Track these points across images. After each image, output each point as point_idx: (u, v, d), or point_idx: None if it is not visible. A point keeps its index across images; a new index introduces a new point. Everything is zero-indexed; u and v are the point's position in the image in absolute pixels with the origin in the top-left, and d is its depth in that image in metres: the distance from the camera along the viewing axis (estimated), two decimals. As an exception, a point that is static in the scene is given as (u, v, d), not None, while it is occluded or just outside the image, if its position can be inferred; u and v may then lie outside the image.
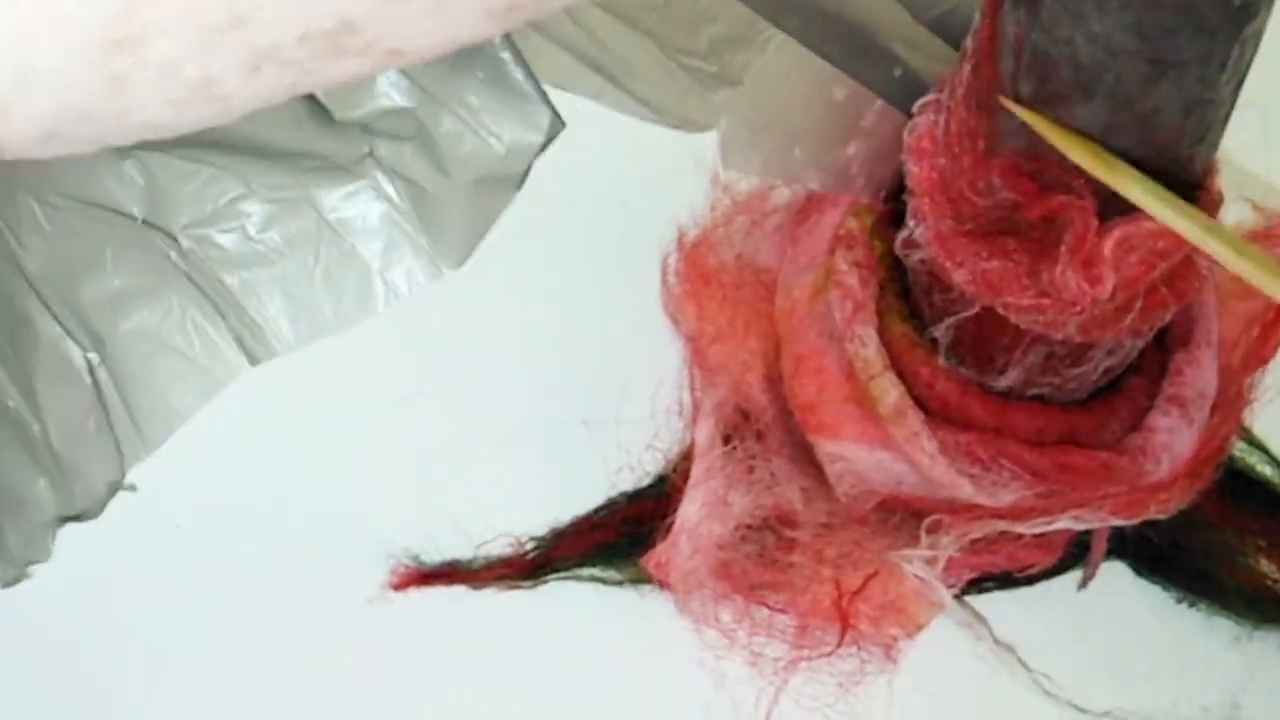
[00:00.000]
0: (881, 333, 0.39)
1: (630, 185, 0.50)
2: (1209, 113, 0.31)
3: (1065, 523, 0.39)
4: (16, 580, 0.41)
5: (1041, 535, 0.39)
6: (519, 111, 0.40)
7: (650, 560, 0.40)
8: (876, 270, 0.40)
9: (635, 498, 0.43)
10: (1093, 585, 0.43)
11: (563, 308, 0.47)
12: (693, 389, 0.43)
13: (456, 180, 0.40)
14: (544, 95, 0.39)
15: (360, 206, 0.40)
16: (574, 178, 0.49)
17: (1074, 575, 0.44)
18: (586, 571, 0.42)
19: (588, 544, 0.42)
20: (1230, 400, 0.42)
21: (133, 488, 0.41)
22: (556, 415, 0.44)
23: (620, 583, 0.41)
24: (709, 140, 0.50)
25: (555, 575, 0.42)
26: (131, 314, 0.40)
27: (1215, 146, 0.33)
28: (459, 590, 0.42)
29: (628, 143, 0.50)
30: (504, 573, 0.42)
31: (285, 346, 0.40)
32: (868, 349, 0.38)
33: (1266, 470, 0.47)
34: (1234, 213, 0.42)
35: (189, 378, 0.40)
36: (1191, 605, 0.43)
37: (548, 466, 0.44)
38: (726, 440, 0.40)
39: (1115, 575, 0.43)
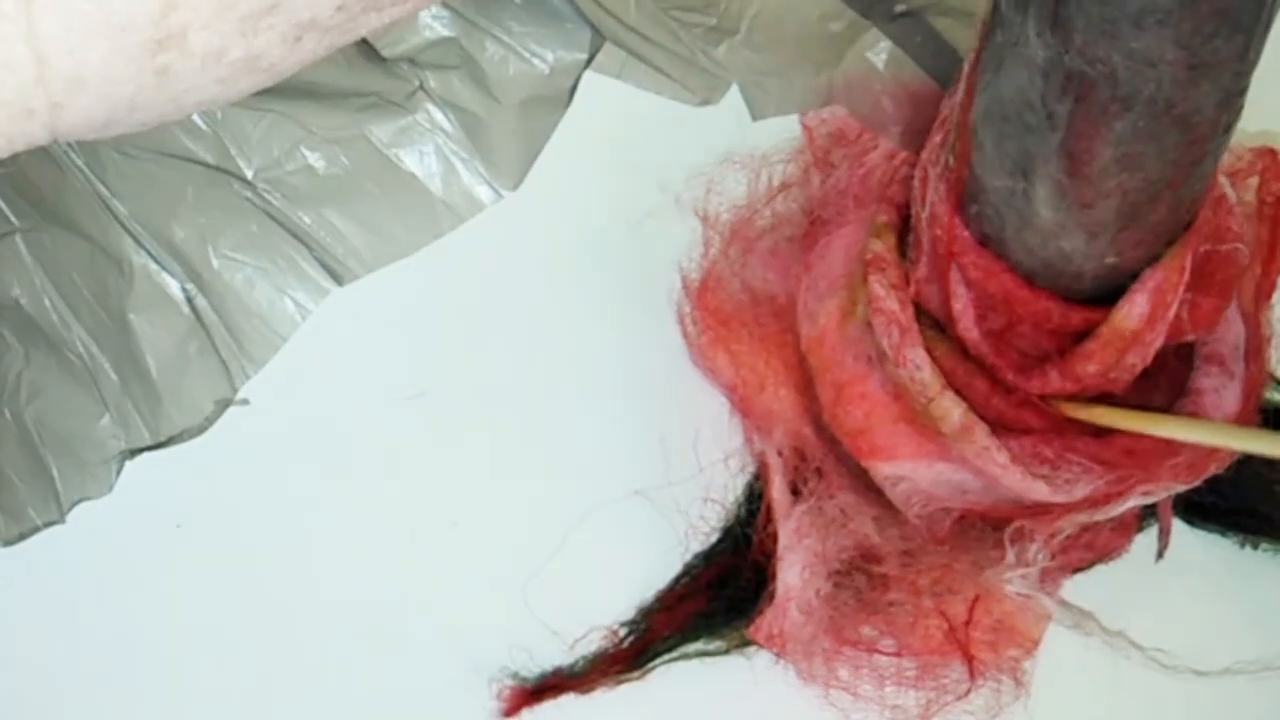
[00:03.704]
0: (928, 350, 0.39)
1: (611, 234, 0.50)
2: (1238, 101, 0.32)
3: (1136, 500, 0.40)
4: (53, 522, 0.43)
5: (1116, 519, 0.40)
6: (558, 31, 0.42)
7: (760, 632, 0.39)
8: (910, 290, 0.40)
9: (710, 558, 0.42)
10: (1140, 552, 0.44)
11: (585, 383, 0.47)
12: (748, 440, 0.43)
13: (505, 103, 0.43)
14: (581, 14, 0.42)
15: (414, 139, 0.43)
16: (553, 232, 0.49)
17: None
18: (692, 648, 0.41)
19: (682, 617, 0.41)
20: (1257, 345, 0.43)
21: (245, 401, 0.44)
22: (608, 493, 0.44)
23: (726, 651, 0.41)
24: (684, 177, 0.50)
25: (660, 660, 0.41)
26: (221, 247, 0.43)
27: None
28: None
29: (602, 190, 0.50)
30: (608, 668, 0.41)
31: (366, 268, 0.44)
32: (923, 371, 0.38)
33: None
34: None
35: (284, 300, 0.44)
36: (1255, 547, 0.44)
37: (614, 546, 0.43)
38: (795, 490, 0.40)
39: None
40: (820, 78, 0.41)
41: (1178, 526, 0.44)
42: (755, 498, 0.44)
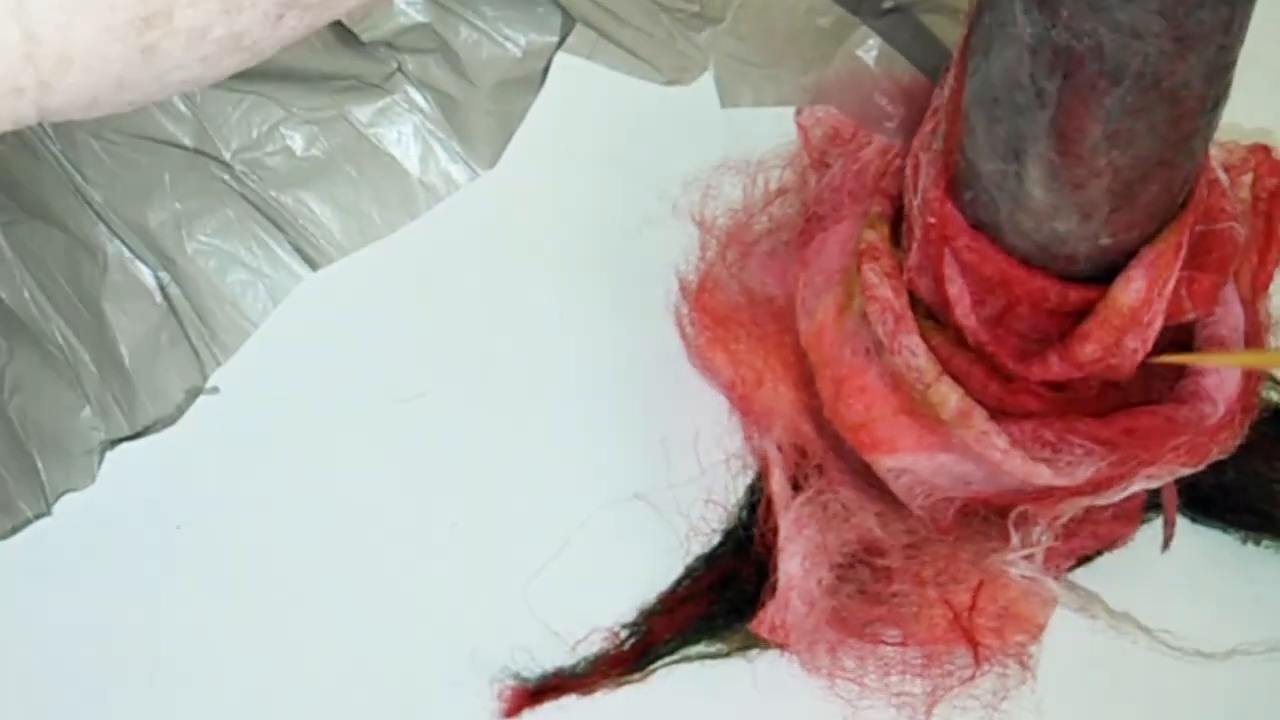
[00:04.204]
0: (923, 338, 0.39)
1: (610, 240, 0.50)
2: (1226, 75, 0.32)
3: (1140, 484, 0.39)
4: (42, 515, 0.43)
5: (1121, 506, 0.40)
6: (530, 15, 0.43)
7: (762, 625, 0.39)
8: (903, 278, 0.40)
9: (712, 560, 0.42)
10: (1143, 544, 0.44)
11: (585, 386, 0.47)
12: (748, 439, 0.43)
13: (480, 86, 0.44)
14: (552, -2, 0.42)
15: (394, 119, 0.44)
16: (553, 237, 0.49)
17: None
18: (693, 651, 0.41)
19: (683, 620, 0.41)
20: (1256, 330, 0.43)
21: (215, 390, 0.44)
22: (609, 495, 0.44)
23: (727, 654, 0.41)
24: (682, 184, 0.51)
25: (661, 662, 0.41)
26: (196, 233, 0.44)
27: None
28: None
29: (601, 197, 0.50)
30: (610, 670, 0.41)
31: (340, 252, 0.44)
32: (918, 358, 0.38)
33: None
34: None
35: (256, 286, 0.44)
36: (1256, 544, 0.44)
37: (616, 548, 0.43)
38: (795, 484, 0.40)
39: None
40: (809, 76, 0.41)
41: (1180, 523, 0.44)
42: (756, 497, 0.43)
